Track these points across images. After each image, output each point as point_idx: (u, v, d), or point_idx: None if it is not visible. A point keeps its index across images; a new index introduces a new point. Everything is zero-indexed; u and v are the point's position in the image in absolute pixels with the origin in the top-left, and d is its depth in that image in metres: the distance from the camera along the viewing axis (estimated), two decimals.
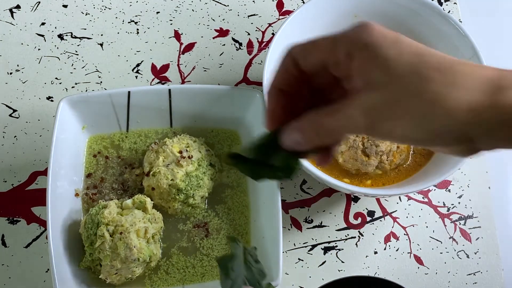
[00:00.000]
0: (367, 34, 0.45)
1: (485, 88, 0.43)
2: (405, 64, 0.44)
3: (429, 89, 0.43)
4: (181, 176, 0.73)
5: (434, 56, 0.44)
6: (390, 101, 0.43)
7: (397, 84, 0.43)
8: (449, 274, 0.77)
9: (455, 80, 0.43)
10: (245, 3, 0.94)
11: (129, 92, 0.77)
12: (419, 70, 0.43)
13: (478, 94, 0.42)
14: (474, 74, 0.43)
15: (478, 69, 0.44)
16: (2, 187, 0.80)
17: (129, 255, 0.67)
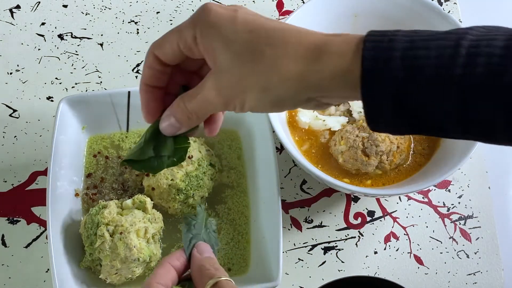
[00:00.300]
0: (205, 16, 0.50)
1: (310, 55, 0.47)
2: (241, 42, 0.49)
3: (263, 64, 0.48)
4: (181, 176, 0.73)
5: (266, 30, 0.49)
6: (235, 80, 0.49)
7: (237, 62, 0.49)
8: (449, 274, 0.77)
9: (285, 51, 0.48)
10: (245, 3, 0.94)
11: (129, 92, 0.77)
12: (253, 47, 0.48)
13: (303, 62, 0.47)
14: (302, 42, 0.48)
15: (307, 37, 0.48)
16: (2, 187, 0.80)
17: (129, 255, 0.67)
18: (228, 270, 0.73)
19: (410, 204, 0.81)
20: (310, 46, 0.47)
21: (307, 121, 0.79)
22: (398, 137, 0.76)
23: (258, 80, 0.48)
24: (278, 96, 0.49)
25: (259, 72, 0.48)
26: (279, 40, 0.48)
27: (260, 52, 0.48)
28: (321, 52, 0.47)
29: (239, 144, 0.80)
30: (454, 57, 0.43)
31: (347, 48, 0.46)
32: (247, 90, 0.49)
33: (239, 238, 0.75)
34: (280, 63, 0.47)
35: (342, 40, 0.47)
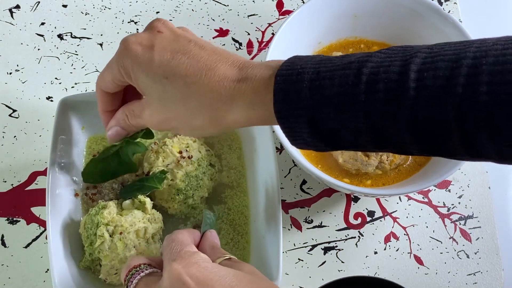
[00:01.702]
0: (124, 55, 0.56)
1: (222, 105, 0.52)
2: (160, 88, 0.54)
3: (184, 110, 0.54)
4: (181, 176, 0.73)
5: (180, 78, 0.53)
6: (163, 118, 0.55)
7: (161, 104, 0.55)
8: (449, 274, 0.77)
9: (201, 101, 0.52)
10: (245, 3, 0.94)
11: None
12: (172, 94, 0.54)
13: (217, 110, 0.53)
14: (213, 94, 0.52)
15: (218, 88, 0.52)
16: (2, 187, 0.80)
17: (128, 255, 0.67)
18: None
19: (410, 204, 0.81)
20: (222, 98, 0.52)
21: None
22: None
23: (182, 122, 0.55)
24: (203, 132, 0.56)
25: (180, 116, 0.54)
26: (194, 90, 0.52)
27: (180, 100, 0.53)
28: (233, 101, 0.52)
29: (239, 144, 0.80)
30: (356, 85, 0.47)
31: (258, 91, 0.51)
32: (176, 127, 0.56)
33: (239, 238, 0.75)
34: (198, 112, 0.53)
35: (251, 88, 0.51)
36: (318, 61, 0.50)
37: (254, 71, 0.52)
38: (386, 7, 0.82)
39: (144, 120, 0.58)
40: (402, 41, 0.85)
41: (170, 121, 0.55)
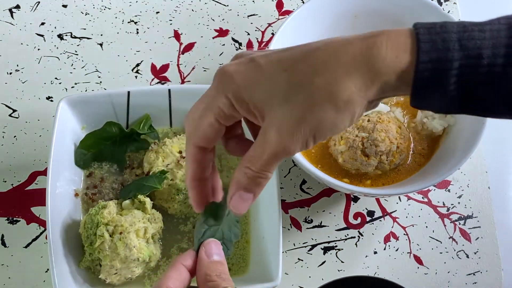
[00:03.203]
0: (229, 81, 0.46)
1: (361, 66, 0.44)
2: (283, 85, 0.45)
3: (318, 96, 0.44)
4: (181, 176, 0.73)
5: (298, 59, 0.45)
6: (296, 125, 0.45)
7: (290, 106, 0.45)
8: (449, 274, 0.77)
9: (334, 74, 0.44)
10: (244, 3, 0.94)
11: (128, 92, 0.76)
12: (297, 84, 0.44)
13: (358, 77, 0.44)
14: (347, 56, 0.44)
15: (347, 50, 0.44)
16: (2, 187, 0.80)
17: (128, 255, 0.67)
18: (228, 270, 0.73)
19: (409, 204, 0.81)
20: (356, 57, 0.44)
21: None
22: (397, 137, 0.76)
23: (320, 115, 0.44)
24: (342, 122, 0.45)
25: (317, 106, 0.44)
26: (320, 66, 0.44)
27: (308, 85, 0.44)
28: (372, 58, 0.44)
29: None
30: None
31: (398, 47, 0.44)
32: (313, 129, 0.45)
33: None
34: (335, 89, 0.44)
35: (388, 41, 0.44)
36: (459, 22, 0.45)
37: (385, 31, 0.45)
38: (386, 7, 0.82)
39: (273, 147, 0.46)
40: None
41: (302, 123, 0.45)
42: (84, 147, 0.76)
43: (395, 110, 0.81)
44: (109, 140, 0.76)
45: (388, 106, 0.80)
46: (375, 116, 0.77)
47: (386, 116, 0.78)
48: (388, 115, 0.78)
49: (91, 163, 0.77)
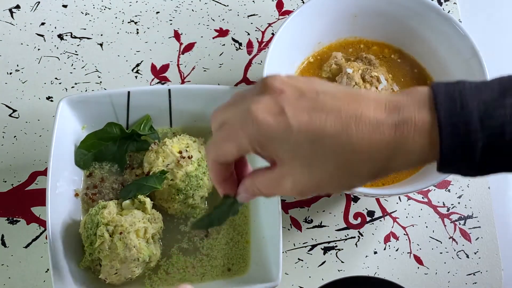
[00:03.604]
0: (257, 130, 0.48)
1: (384, 156, 0.46)
2: (307, 155, 0.47)
3: (337, 171, 0.47)
4: (181, 176, 0.73)
5: (328, 136, 0.46)
6: (311, 183, 0.48)
7: (309, 171, 0.48)
8: (449, 274, 0.77)
9: (358, 157, 0.46)
10: (245, 3, 0.94)
11: (128, 92, 0.76)
12: (322, 157, 0.47)
13: (378, 163, 0.46)
14: (372, 145, 0.46)
15: (374, 136, 0.46)
16: (2, 187, 0.80)
17: (128, 255, 0.67)
18: (228, 270, 0.73)
19: (410, 204, 0.81)
20: (382, 147, 0.46)
21: None
22: None
23: (335, 182, 0.48)
24: (359, 185, 0.49)
25: (333, 176, 0.48)
26: (348, 147, 0.46)
27: (332, 160, 0.47)
28: (396, 150, 0.46)
29: None
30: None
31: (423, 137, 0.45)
32: (325, 189, 0.49)
33: (238, 238, 0.75)
34: (356, 168, 0.47)
35: (412, 133, 0.45)
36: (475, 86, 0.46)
37: (409, 112, 0.46)
38: (386, 7, 0.82)
39: (284, 191, 0.50)
40: (402, 41, 0.85)
41: (319, 186, 0.49)
42: (84, 147, 0.76)
43: None
44: (110, 140, 0.77)
45: None
46: None
47: None
48: None
49: (91, 163, 0.77)
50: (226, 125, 0.50)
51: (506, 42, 0.96)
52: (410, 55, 0.85)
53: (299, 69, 0.84)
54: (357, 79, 0.80)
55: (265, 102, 0.48)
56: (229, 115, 0.50)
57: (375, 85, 0.80)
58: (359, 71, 0.80)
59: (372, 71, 0.80)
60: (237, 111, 0.50)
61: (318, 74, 0.84)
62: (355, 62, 0.82)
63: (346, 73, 0.80)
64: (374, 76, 0.80)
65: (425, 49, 0.83)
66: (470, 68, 0.78)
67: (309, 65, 0.85)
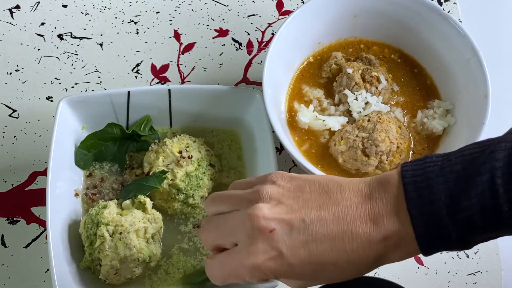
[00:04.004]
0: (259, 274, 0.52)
1: (371, 264, 0.51)
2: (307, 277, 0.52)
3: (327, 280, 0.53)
4: (181, 176, 0.73)
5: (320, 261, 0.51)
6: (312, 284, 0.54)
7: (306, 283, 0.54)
8: (449, 274, 0.77)
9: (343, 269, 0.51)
10: (245, 3, 0.94)
11: (128, 92, 0.76)
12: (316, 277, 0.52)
13: (364, 268, 0.52)
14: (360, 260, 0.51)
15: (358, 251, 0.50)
16: (2, 187, 0.80)
17: (128, 255, 0.67)
18: None
19: None
20: (374, 259, 0.51)
21: (307, 121, 0.79)
22: (398, 137, 0.76)
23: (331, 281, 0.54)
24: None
25: (332, 280, 0.53)
26: (346, 265, 0.51)
27: (332, 274, 0.52)
28: (384, 257, 0.51)
29: (239, 144, 0.80)
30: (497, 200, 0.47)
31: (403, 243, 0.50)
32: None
33: None
34: (352, 273, 0.52)
35: (395, 242, 0.50)
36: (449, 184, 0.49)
37: (390, 224, 0.50)
38: (386, 7, 0.83)
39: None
40: (402, 41, 0.85)
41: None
42: (84, 147, 0.76)
43: (395, 110, 0.81)
44: (110, 141, 0.77)
45: (388, 106, 0.80)
46: (375, 116, 0.77)
47: (386, 116, 0.78)
48: (388, 115, 0.78)
49: (91, 163, 0.77)
50: (228, 266, 0.54)
51: (506, 42, 0.96)
52: (410, 55, 0.85)
53: (299, 69, 0.84)
54: (357, 79, 0.80)
55: (262, 250, 0.51)
56: (226, 260, 0.55)
57: (375, 85, 0.80)
58: (359, 71, 0.80)
59: (372, 71, 0.81)
60: (236, 257, 0.53)
61: (318, 74, 0.84)
62: (355, 62, 0.83)
63: (346, 73, 0.80)
64: (374, 76, 0.80)
65: (425, 49, 0.83)
66: (470, 68, 0.78)
67: (309, 65, 0.85)
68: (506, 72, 0.93)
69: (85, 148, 0.76)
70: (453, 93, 0.81)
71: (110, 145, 0.77)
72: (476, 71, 0.77)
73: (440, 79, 0.83)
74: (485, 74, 0.76)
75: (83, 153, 0.76)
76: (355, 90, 0.79)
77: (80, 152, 0.76)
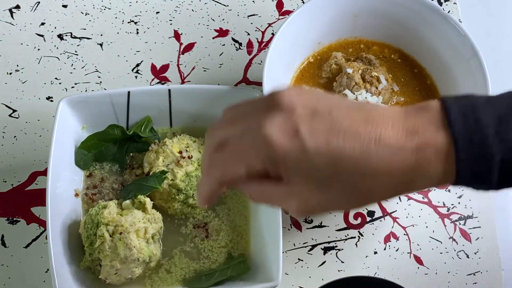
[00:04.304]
0: (270, 151, 0.45)
1: (403, 181, 0.45)
2: (323, 178, 0.45)
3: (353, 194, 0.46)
4: (181, 176, 0.73)
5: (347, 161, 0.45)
6: (318, 203, 0.47)
7: (319, 192, 0.46)
8: (449, 274, 0.77)
9: (376, 182, 0.45)
10: (245, 3, 0.94)
11: (128, 92, 0.76)
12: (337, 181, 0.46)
13: (396, 187, 0.46)
14: (393, 170, 0.45)
15: (394, 160, 0.45)
16: (2, 187, 0.80)
17: (128, 255, 0.67)
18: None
19: (410, 204, 0.81)
20: (402, 172, 0.45)
21: None
22: None
23: (348, 204, 0.48)
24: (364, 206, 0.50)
25: (348, 198, 0.47)
26: (367, 171, 0.45)
27: (349, 183, 0.45)
28: (416, 174, 0.45)
29: None
30: None
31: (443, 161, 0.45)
32: (333, 210, 0.50)
33: (238, 239, 0.75)
34: (373, 192, 0.46)
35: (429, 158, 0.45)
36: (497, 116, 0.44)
37: (427, 136, 0.45)
38: (386, 7, 0.82)
39: (287, 208, 0.49)
40: (402, 41, 0.85)
41: (328, 207, 0.48)
42: (84, 147, 0.76)
43: None
44: (110, 141, 0.77)
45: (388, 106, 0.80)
46: None
47: None
48: None
49: (91, 164, 0.77)
50: (231, 145, 0.48)
51: (506, 42, 0.96)
52: (410, 55, 0.85)
53: (299, 69, 0.84)
54: (357, 79, 0.80)
55: (278, 122, 0.45)
56: (232, 133, 0.48)
57: (375, 85, 0.80)
58: (359, 71, 0.80)
59: (372, 71, 0.80)
60: (243, 129, 0.47)
61: (318, 74, 0.84)
62: (355, 62, 0.82)
63: (346, 73, 0.80)
64: (374, 76, 0.80)
65: (425, 49, 0.83)
66: (470, 68, 0.78)
67: (309, 65, 0.85)
68: (506, 72, 0.93)
69: (85, 148, 0.76)
70: (453, 93, 0.81)
71: (110, 145, 0.77)
72: (476, 71, 0.77)
73: (440, 79, 0.83)
74: (485, 74, 0.76)
75: (83, 153, 0.76)
76: (355, 90, 0.79)
77: (80, 152, 0.76)
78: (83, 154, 0.76)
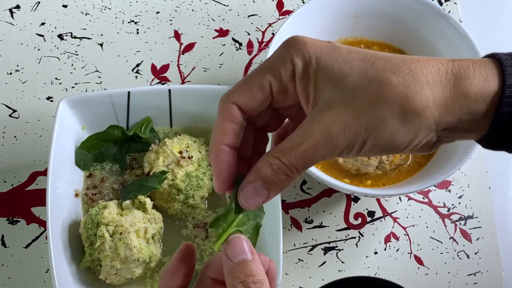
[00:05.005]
0: (301, 47, 0.42)
1: (444, 80, 0.41)
2: (357, 73, 0.41)
3: (391, 94, 0.40)
4: (181, 176, 0.73)
5: (381, 57, 0.42)
6: (354, 117, 0.40)
7: (355, 96, 0.40)
8: (449, 275, 0.77)
9: (415, 77, 0.40)
10: (245, 3, 0.94)
11: (129, 92, 0.76)
12: (373, 77, 0.41)
13: (440, 87, 0.41)
14: (430, 68, 0.41)
15: (431, 63, 0.42)
16: (2, 187, 0.80)
17: (129, 255, 0.67)
18: None
19: (410, 204, 0.81)
20: (441, 72, 0.41)
21: None
22: None
23: (384, 116, 0.40)
24: (401, 137, 0.41)
25: (385, 106, 0.40)
26: (404, 67, 0.41)
27: (384, 82, 0.40)
28: (458, 77, 0.41)
29: None
30: None
31: (485, 71, 0.41)
32: (369, 129, 0.40)
33: None
34: (411, 93, 0.40)
35: (475, 65, 0.42)
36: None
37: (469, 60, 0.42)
38: (386, 7, 0.82)
39: (316, 137, 0.41)
40: (402, 41, 0.85)
41: (367, 116, 0.40)
42: (85, 148, 0.76)
43: None
44: (111, 142, 0.77)
45: None
46: None
47: None
48: None
49: (91, 164, 0.77)
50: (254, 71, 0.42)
51: (506, 42, 0.96)
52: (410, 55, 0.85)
53: None
54: None
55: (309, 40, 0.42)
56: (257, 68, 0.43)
57: None
58: None
59: None
60: (270, 56, 0.43)
61: None
62: None
63: None
64: None
65: (425, 49, 0.83)
66: None
67: None
68: None
69: (85, 149, 0.76)
70: None
71: (111, 146, 0.77)
72: None
73: None
74: None
75: (83, 153, 0.76)
76: None
77: (80, 152, 0.76)
78: (83, 154, 0.76)
